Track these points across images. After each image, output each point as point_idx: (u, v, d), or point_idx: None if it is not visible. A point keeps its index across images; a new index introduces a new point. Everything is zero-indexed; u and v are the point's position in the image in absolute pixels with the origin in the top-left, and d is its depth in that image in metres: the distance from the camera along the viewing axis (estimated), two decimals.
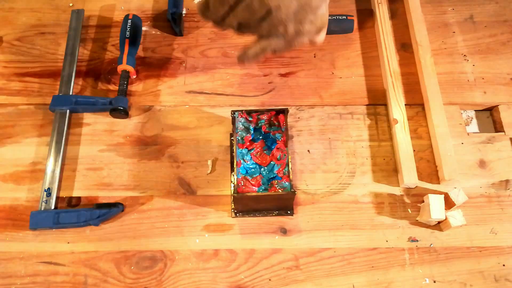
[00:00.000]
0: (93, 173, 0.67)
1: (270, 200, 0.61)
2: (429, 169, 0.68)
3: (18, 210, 0.65)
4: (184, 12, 0.82)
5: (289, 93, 0.74)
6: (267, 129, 0.64)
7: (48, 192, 0.64)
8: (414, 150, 0.67)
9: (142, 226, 0.64)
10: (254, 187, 0.61)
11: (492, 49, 0.78)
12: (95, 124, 0.71)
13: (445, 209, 0.61)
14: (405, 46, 0.78)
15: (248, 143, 0.62)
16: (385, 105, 0.73)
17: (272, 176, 0.62)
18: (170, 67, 0.76)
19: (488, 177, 0.68)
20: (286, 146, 0.61)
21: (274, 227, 0.64)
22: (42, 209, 0.63)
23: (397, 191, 0.67)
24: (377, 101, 0.73)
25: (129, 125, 0.71)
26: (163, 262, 0.62)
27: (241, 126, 0.63)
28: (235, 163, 0.60)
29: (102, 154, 0.69)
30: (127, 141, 0.70)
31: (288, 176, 0.59)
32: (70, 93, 0.71)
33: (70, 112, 0.71)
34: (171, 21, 0.77)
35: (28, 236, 0.63)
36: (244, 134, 0.62)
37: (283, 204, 0.63)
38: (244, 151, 0.62)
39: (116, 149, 0.69)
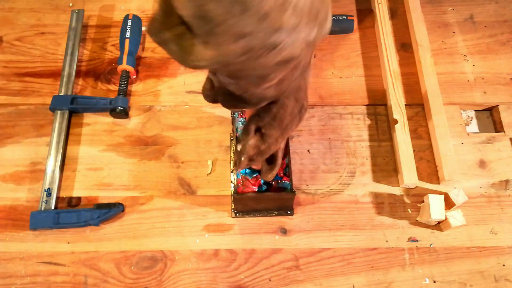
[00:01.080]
0: (93, 173, 0.67)
1: (270, 200, 0.61)
2: (429, 169, 0.68)
3: (18, 210, 0.65)
4: None
5: None
6: None
7: (48, 192, 0.64)
8: (414, 150, 0.67)
9: (142, 226, 0.64)
10: (254, 187, 0.61)
11: (492, 49, 0.78)
12: (95, 124, 0.71)
13: (445, 209, 0.61)
14: (405, 46, 0.78)
15: None
16: (385, 105, 0.73)
17: None
18: (170, 67, 0.76)
19: (488, 177, 0.68)
20: (286, 146, 0.61)
21: (274, 227, 0.64)
22: (42, 209, 0.63)
23: (397, 191, 0.67)
24: (377, 101, 0.73)
25: (129, 125, 0.71)
26: (163, 262, 0.62)
27: (241, 126, 0.63)
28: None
29: (102, 154, 0.69)
30: (127, 141, 0.70)
31: (288, 176, 0.59)
32: (70, 93, 0.72)
33: (70, 112, 0.71)
34: None
35: (28, 236, 0.63)
36: None
37: (283, 204, 0.63)
38: None
39: (116, 149, 0.69)
